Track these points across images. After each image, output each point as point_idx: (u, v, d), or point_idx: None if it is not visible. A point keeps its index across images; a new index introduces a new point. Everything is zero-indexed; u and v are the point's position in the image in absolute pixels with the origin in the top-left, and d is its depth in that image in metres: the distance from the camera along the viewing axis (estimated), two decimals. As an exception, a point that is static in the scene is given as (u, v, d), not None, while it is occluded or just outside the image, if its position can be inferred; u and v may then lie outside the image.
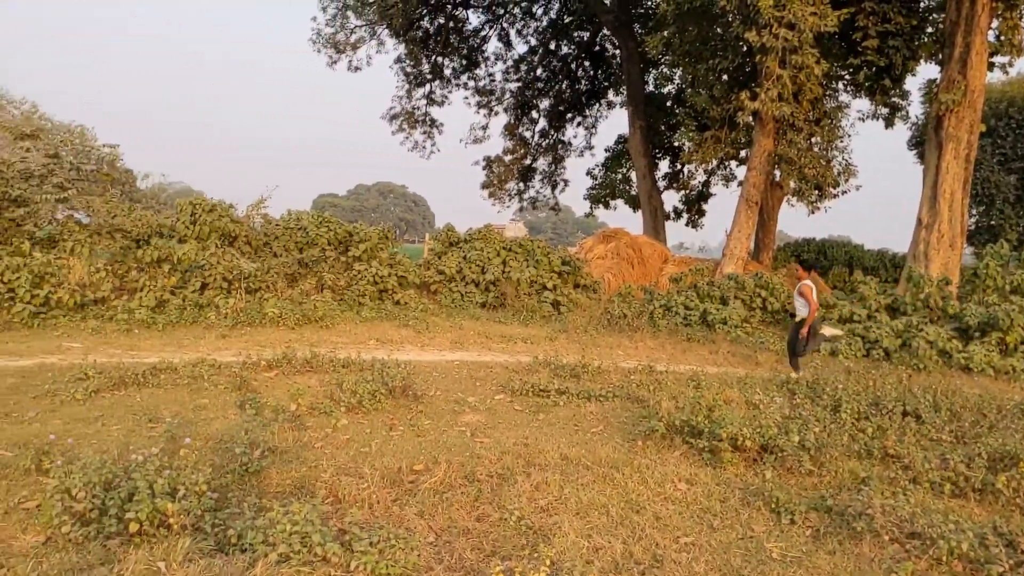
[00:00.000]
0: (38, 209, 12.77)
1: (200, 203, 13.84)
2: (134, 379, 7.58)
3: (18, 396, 6.95)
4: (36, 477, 4.87)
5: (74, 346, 9.65)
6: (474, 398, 7.93)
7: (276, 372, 8.49)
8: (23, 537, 4.04)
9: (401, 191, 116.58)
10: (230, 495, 4.81)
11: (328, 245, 14.77)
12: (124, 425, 6.22)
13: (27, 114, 29.61)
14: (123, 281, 12.20)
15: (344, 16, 22.72)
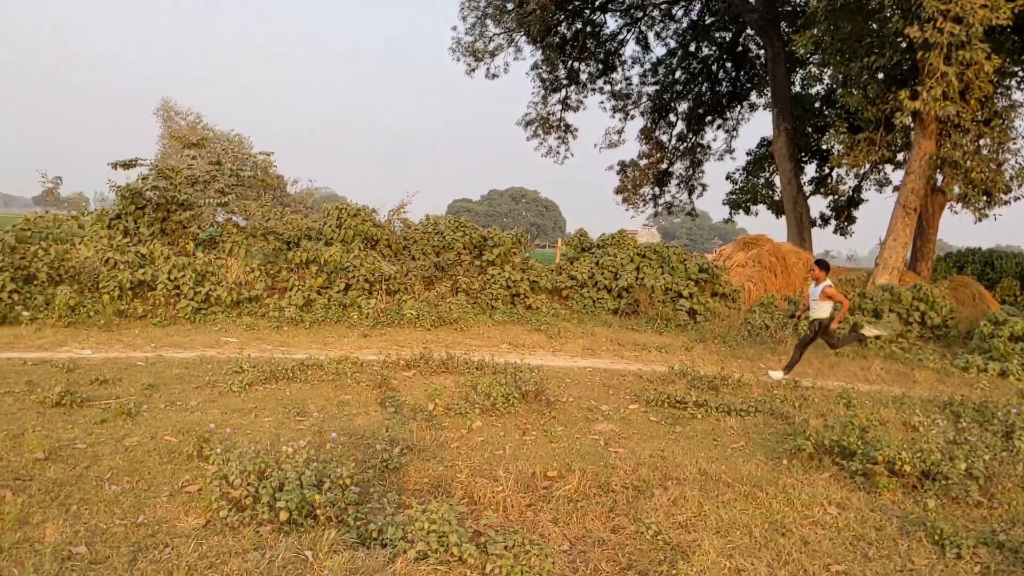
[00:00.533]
0: (202, 212, 13.78)
1: (345, 208, 14.51)
2: (284, 374, 7.99)
3: (182, 386, 7.49)
4: (197, 463, 5.20)
5: (231, 341, 10.32)
6: (607, 406, 7.80)
7: (414, 372, 8.71)
8: (186, 519, 4.31)
9: (533, 196, 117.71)
10: (372, 490, 4.94)
11: (463, 249, 15.08)
12: (275, 417, 6.55)
13: (192, 124, 32.13)
14: (275, 281, 12.95)
15: (483, 24, 23.24)
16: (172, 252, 12.38)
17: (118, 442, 5.55)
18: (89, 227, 12.88)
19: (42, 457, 5.08)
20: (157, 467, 5.09)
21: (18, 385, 7.01)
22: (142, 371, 8.03)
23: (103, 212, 12.99)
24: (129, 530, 4.09)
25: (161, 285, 11.57)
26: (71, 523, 4.09)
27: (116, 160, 13.40)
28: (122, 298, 11.44)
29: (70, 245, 12.13)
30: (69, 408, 6.36)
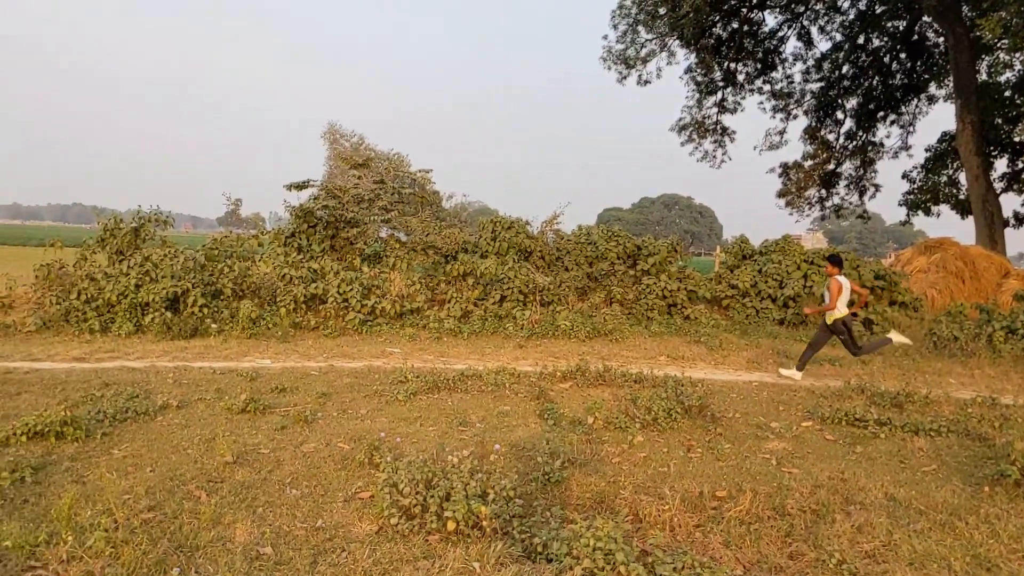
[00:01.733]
0: (367, 229, 14.49)
1: (500, 221, 14.77)
2: (445, 384, 8.18)
3: (353, 395, 7.83)
4: (369, 470, 5.38)
5: (395, 351, 10.73)
6: (778, 423, 7.36)
7: (570, 384, 8.64)
8: (360, 525, 4.45)
9: (687, 202, 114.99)
10: (535, 503, 4.89)
11: (617, 259, 14.90)
12: (438, 427, 6.69)
13: (355, 145, 33.93)
14: (434, 293, 13.37)
15: (634, 32, 22.99)
16: (341, 267, 13.08)
17: (297, 448, 5.87)
18: (267, 245, 13.89)
19: (231, 460, 5.44)
20: (332, 473, 5.32)
21: (209, 392, 7.60)
22: (316, 380, 8.49)
23: (279, 231, 13.97)
24: (309, 533, 4.27)
25: (331, 298, 12.26)
26: (258, 524, 4.34)
27: (290, 182, 14.40)
28: (297, 311, 12.23)
29: (251, 262, 13.13)
30: (253, 415, 6.81)
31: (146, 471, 5.17)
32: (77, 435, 5.77)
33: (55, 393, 7.34)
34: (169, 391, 7.57)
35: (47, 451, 5.50)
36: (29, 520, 4.20)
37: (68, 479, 4.94)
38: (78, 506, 4.32)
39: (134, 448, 5.69)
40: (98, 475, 5.02)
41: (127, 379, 8.13)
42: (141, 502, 4.52)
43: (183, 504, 4.55)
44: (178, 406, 6.97)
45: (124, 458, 5.44)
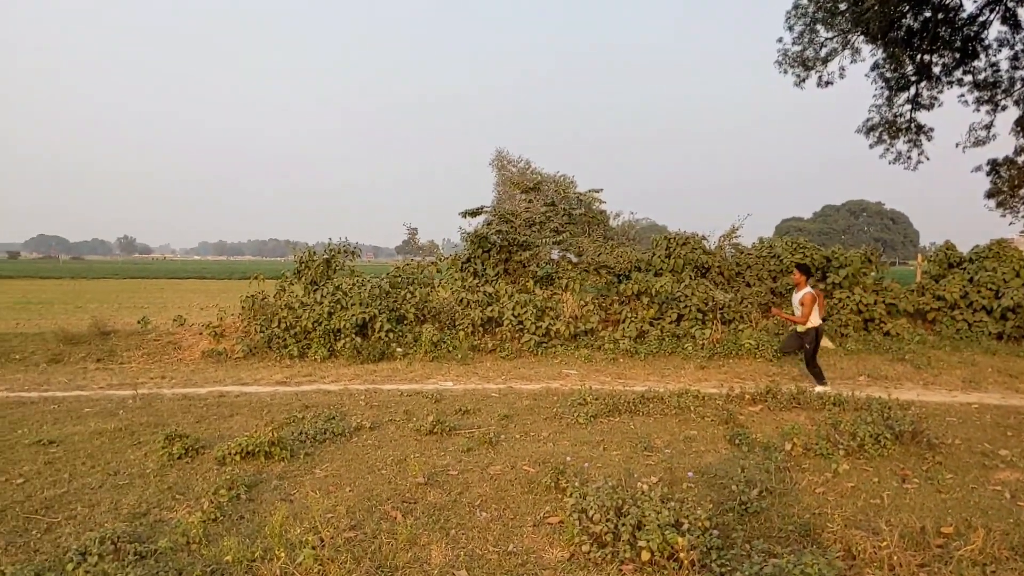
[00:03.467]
0: (539, 251, 14.61)
1: (674, 237, 14.38)
2: (626, 406, 7.97)
3: (533, 417, 7.82)
4: (555, 494, 5.29)
5: (571, 373, 10.66)
6: (1008, 451, 6.49)
7: (761, 407, 8.14)
8: (551, 551, 4.36)
9: (876, 208, 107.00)
10: (733, 534, 4.58)
11: (804, 272, 13.99)
12: (622, 451, 6.50)
13: (522, 170, 34.50)
14: (607, 313, 13.20)
15: (812, 31, 21.72)
16: (515, 290, 13.26)
17: (483, 470, 5.90)
18: (445, 271, 14.38)
19: (423, 482, 5.56)
20: (520, 496, 5.28)
21: (398, 414, 7.89)
22: (496, 402, 8.58)
23: (456, 257, 14.42)
24: (502, 558, 4.24)
25: (507, 321, 12.44)
26: (451, 547, 4.36)
27: (464, 210, 14.87)
28: (475, 334, 12.51)
29: (431, 288, 13.62)
30: (440, 436, 6.96)
31: (345, 490, 5.39)
32: (283, 455, 6.14)
33: (262, 415, 7.91)
34: (362, 413, 7.93)
35: (258, 470, 5.89)
36: (245, 535, 4.47)
37: (277, 497, 5.25)
38: (288, 524, 4.56)
39: (334, 468, 5.97)
40: (303, 494, 5.29)
41: (324, 401, 8.62)
42: (343, 521, 4.70)
43: (381, 524, 4.68)
44: (371, 427, 7.27)
45: (325, 477, 5.71)
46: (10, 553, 4.22)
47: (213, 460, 6.08)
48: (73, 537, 4.43)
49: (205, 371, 10.96)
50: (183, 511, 4.93)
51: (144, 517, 4.84)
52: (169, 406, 8.39)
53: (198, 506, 4.99)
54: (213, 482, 5.47)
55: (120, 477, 5.69)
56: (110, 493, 5.31)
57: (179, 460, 6.11)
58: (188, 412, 8.06)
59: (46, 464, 6.03)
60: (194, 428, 7.18)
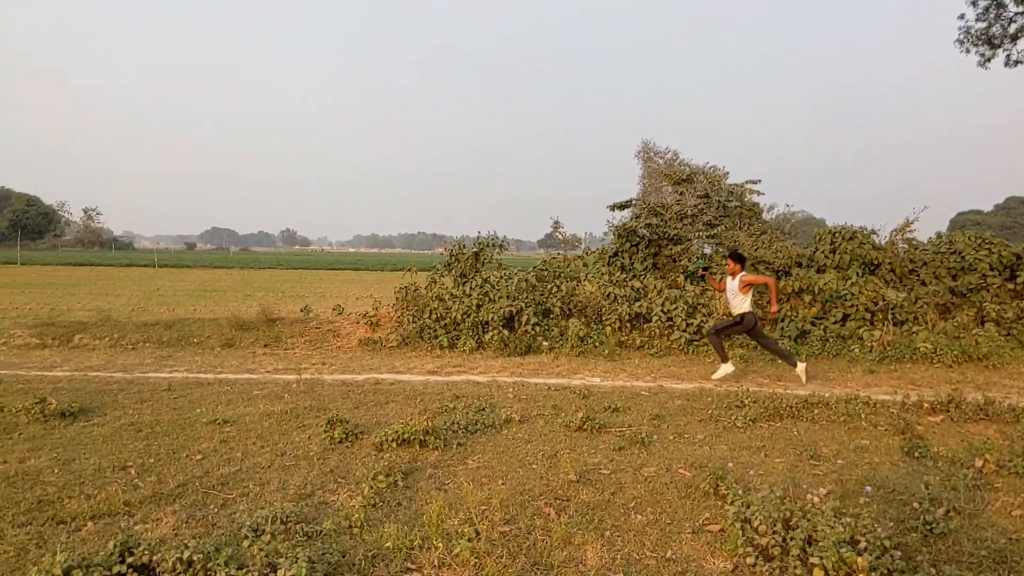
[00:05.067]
0: (690, 246, 14.14)
1: (840, 231, 13.46)
2: (788, 411, 7.50)
3: (687, 418, 7.52)
4: (714, 500, 5.02)
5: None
6: None
7: (942, 417, 7.41)
8: (712, 560, 4.12)
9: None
10: (917, 557, 4.15)
11: (990, 270, 12.69)
12: (786, 459, 6.10)
13: (670, 161, 33.59)
14: (765, 312, 12.54)
15: (999, 6, 19.70)
16: (664, 285, 12.89)
17: (636, 471, 5.71)
18: (591, 265, 14.22)
19: (574, 479, 5.45)
20: (676, 501, 5.06)
21: (546, 409, 7.83)
22: (647, 400, 8.34)
23: (603, 251, 14.23)
24: (660, 564, 4.04)
25: (656, 317, 12.11)
26: (607, 549, 4.22)
27: (613, 203, 14.63)
28: (622, 329, 12.28)
29: (577, 282, 13.50)
30: (590, 433, 6.83)
31: (498, 483, 5.37)
32: (437, 444, 6.23)
33: (415, 404, 8.09)
34: (511, 405, 7.94)
35: (413, 457, 6.00)
36: (403, 523, 4.54)
37: (432, 486, 5.31)
38: (444, 514, 4.58)
39: (485, 459, 5.98)
40: (457, 484, 5.33)
41: (473, 392, 8.72)
42: (497, 514, 4.67)
43: (534, 520, 4.61)
44: (520, 420, 7.25)
45: (478, 469, 5.73)
46: (191, 525, 4.49)
47: (371, 446, 6.26)
48: (246, 514, 4.66)
49: (362, 358, 11.42)
50: (344, 494, 5.08)
51: (309, 498, 5.03)
52: (329, 391, 8.78)
53: (358, 490, 5.13)
54: (371, 468, 5.62)
55: (287, 458, 5.97)
56: (278, 473, 5.58)
57: (339, 444, 6.34)
58: (347, 397, 8.39)
59: (221, 442, 6.43)
60: (353, 413, 7.45)
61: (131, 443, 6.37)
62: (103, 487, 5.15)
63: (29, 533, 4.31)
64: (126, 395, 8.42)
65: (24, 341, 12.55)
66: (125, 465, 5.71)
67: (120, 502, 4.81)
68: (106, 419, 7.22)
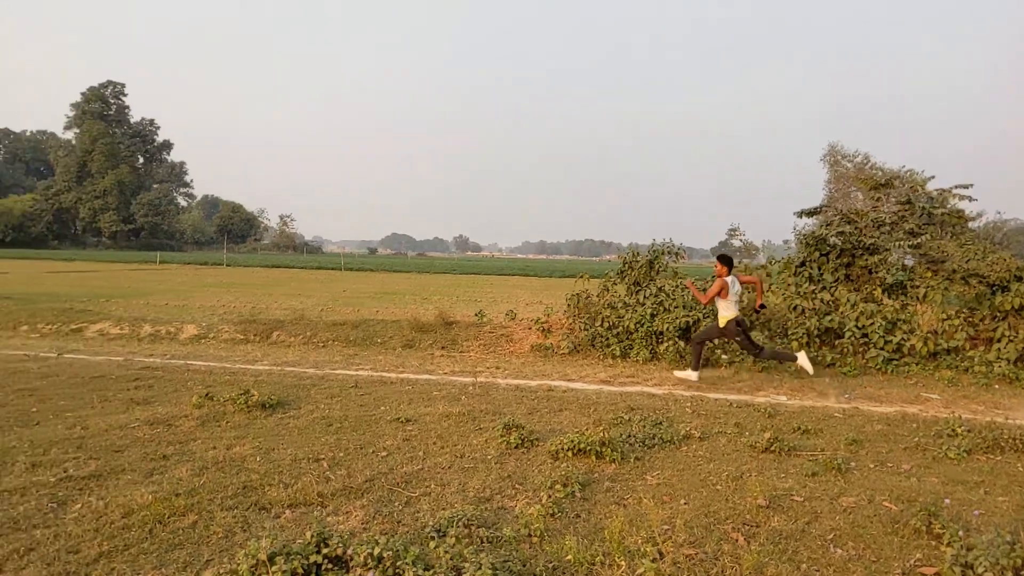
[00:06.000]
0: (888, 256, 13.00)
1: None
2: (1010, 443, 6.61)
3: (888, 445, 6.85)
4: (926, 540, 4.49)
5: (932, 397, 9.25)
6: None
7: None
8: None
9: None
10: None
11: None
12: (1011, 498, 5.36)
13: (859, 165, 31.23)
14: (977, 330, 11.26)
15: None
16: (858, 298, 11.93)
17: (833, 500, 5.24)
18: (776, 275, 13.43)
19: (763, 504, 5.08)
20: (881, 537, 4.57)
21: (728, 426, 7.43)
22: (840, 423, 7.70)
23: (789, 260, 13.40)
24: (869, 610, 3.65)
25: (848, 333, 11.21)
26: (806, 585, 3.87)
27: (801, 209, 13.75)
28: (809, 345, 11.48)
29: (760, 293, 12.79)
30: (778, 455, 6.38)
31: (680, 502, 5.12)
32: (614, 456, 6.06)
33: (588, 413, 7.97)
34: (689, 420, 7.61)
35: (589, 468, 5.87)
36: (583, 536, 4.41)
37: (610, 499, 5.15)
38: (625, 530, 4.41)
39: (665, 476, 5.74)
40: (636, 499, 5.14)
41: (648, 404, 8.46)
42: (681, 535, 4.43)
43: (721, 545, 4.33)
44: (700, 437, 6.92)
45: (658, 486, 5.50)
46: (378, 521, 4.63)
47: (547, 453, 6.21)
48: (429, 514, 4.74)
49: (534, 364, 11.47)
50: (522, 501, 5.04)
51: (488, 502, 5.04)
52: (504, 395, 8.85)
53: (536, 499, 5.08)
54: (548, 476, 5.55)
55: (466, 460, 6.04)
56: (458, 475, 5.65)
57: (515, 449, 6.34)
58: (521, 403, 8.42)
59: (404, 440, 6.63)
60: (527, 419, 7.44)
61: (323, 436, 6.73)
62: (299, 477, 5.45)
63: (235, 516, 4.62)
64: (318, 390, 8.94)
65: (230, 336, 13.76)
66: (318, 457, 6.02)
67: (314, 493, 5.06)
68: (300, 412, 7.70)
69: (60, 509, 4.73)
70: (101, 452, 6.04)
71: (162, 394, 8.49)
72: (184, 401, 8.02)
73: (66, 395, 8.31)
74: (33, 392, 8.42)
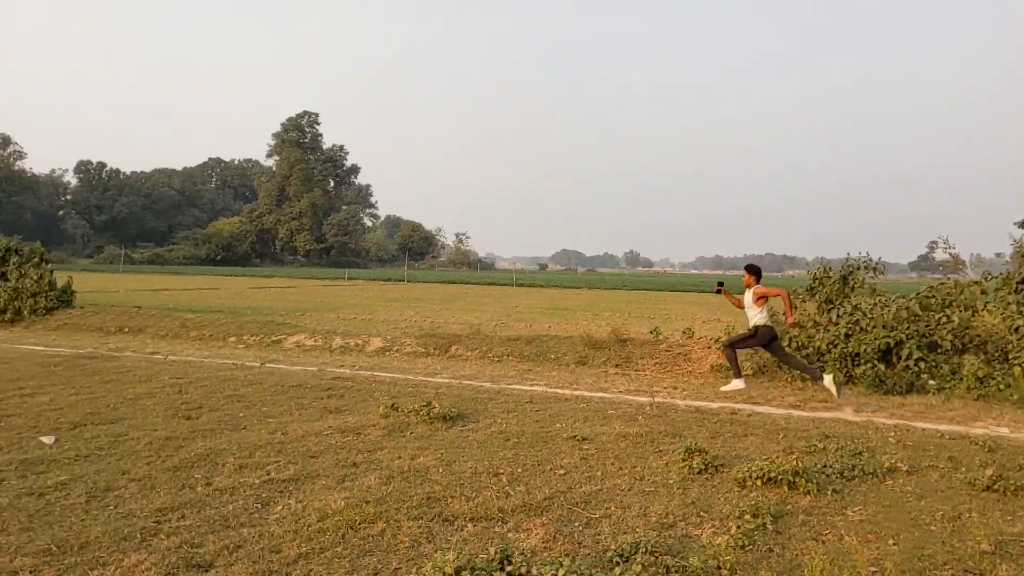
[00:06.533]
0: None
1: None
2: None
3: None
4: None
5: None
6: None
7: None
8: None
9: None
10: None
11: None
12: None
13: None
14: None
15: None
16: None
17: (1080, 553, 4.51)
18: (992, 292, 12.01)
19: (989, 550, 4.47)
20: None
21: (940, 460, 6.66)
22: (1081, 462, 6.67)
23: (1008, 276, 11.93)
24: None
25: (1084, 359, 9.78)
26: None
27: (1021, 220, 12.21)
28: (1034, 372, 10.12)
29: (973, 311, 11.50)
30: (1002, 495, 5.62)
31: (888, 543, 4.62)
32: (808, 488, 5.60)
33: (777, 439, 7.47)
34: (893, 452, 6.92)
35: (781, 499, 5.47)
36: (778, 572, 4.09)
37: (806, 534, 4.75)
38: (827, 569, 4.03)
39: (869, 513, 5.21)
40: (836, 536, 4.70)
41: (845, 432, 7.80)
42: (893, 582, 3.97)
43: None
44: (907, 471, 6.25)
45: (861, 523, 5.00)
46: (558, 540, 4.54)
47: (733, 480, 5.86)
48: (610, 537, 4.58)
49: (715, 385, 10.98)
50: (708, 530, 4.76)
51: (671, 529, 4.81)
52: (683, 417, 8.52)
53: (724, 528, 4.78)
54: (736, 505, 5.22)
55: (645, 483, 5.83)
56: (638, 498, 5.45)
57: (699, 475, 6.04)
58: (702, 425, 8.05)
59: (581, 459, 6.52)
60: (709, 443, 7.08)
61: (501, 451, 6.77)
62: (479, 491, 5.48)
63: (421, 527, 4.71)
64: (495, 404, 9.06)
65: (412, 349, 14.35)
66: (497, 472, 6.05)
67: (495, 508, 5.07)
68: (479, 425, 7.81)
69: (264, 509, 5.05)
70: (299, 457, 6.43)
71: (352, 403, 8.95)
72: (371, 411, 8.40)
73: (268, 402, 8.98)
74: (241, 398, 9.16)
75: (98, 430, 7.28)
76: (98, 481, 5.61)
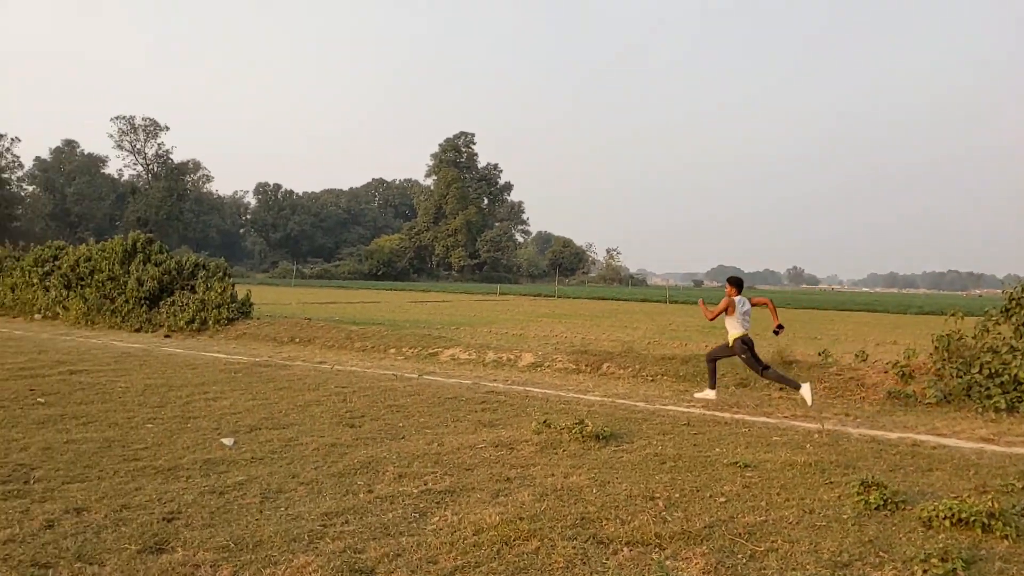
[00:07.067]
0: None
1: None
2: None
3: None
4: None
5: None
6: None
7: None
8: None
9: None
10: None
11: None
12: None
13: None
14: None
15: None
16: None
17: None
18: None
19: None
20: None
21: None
22: None
23: None
24: None
25: None
26: None
27: None
28: None
29: None
30: None
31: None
32: (1006, 532, 4.99)
33: (967, 476, 6.74)
34: (1113, 498, 6.03)
35: (974, 543, 4.90)
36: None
37: (1007, 586, 4.21)
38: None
39: (1085, 567, 4.55)
40: (1046, 592, 4.12)
41: (1051, 472, 6.91)
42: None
43: None
44: None
45: (1075, 578, 4.37)
46: (720, 573, 4.30)
47: (916, 519, 5.32)
48: (777, 574, 4.28)
49: (892, 413, 10.12)
50: (889, 573, 4.34)
51: (846, 568, 4.42)
52: (857, 447, 7.89)
53: (906, 571, 4.35)
54: (920, 547, 4.74)
55: (816, 517, 5.42)
56: (808, 532, 5.07)
57: (876, 511, 5.54)
58: (879, 457, 7.41)
59: (744, 487, 6.18)
60: (888, 477, 6.49)
61: (656, 474, 6.54)
62: (635, 514, 5.31)
63: (575, 548, 4.61)
64: (649, 425, 8.82)
65: (563, 366, 14.31)
66: (653, 496, 5.84)
67: (651, 533, 4.88)
68: (633, 446, 7.61)
69: (421, 519, 5.15)
70: (454, 469, 6.53)
71: (505, 418, 9.02)
72: (524, 426, 8.42)
73: (426, 413, 9.23)
74: (400, 409, 9.48)
75: (271, 434, 7.77)
76: (271, 483, 5.96)
